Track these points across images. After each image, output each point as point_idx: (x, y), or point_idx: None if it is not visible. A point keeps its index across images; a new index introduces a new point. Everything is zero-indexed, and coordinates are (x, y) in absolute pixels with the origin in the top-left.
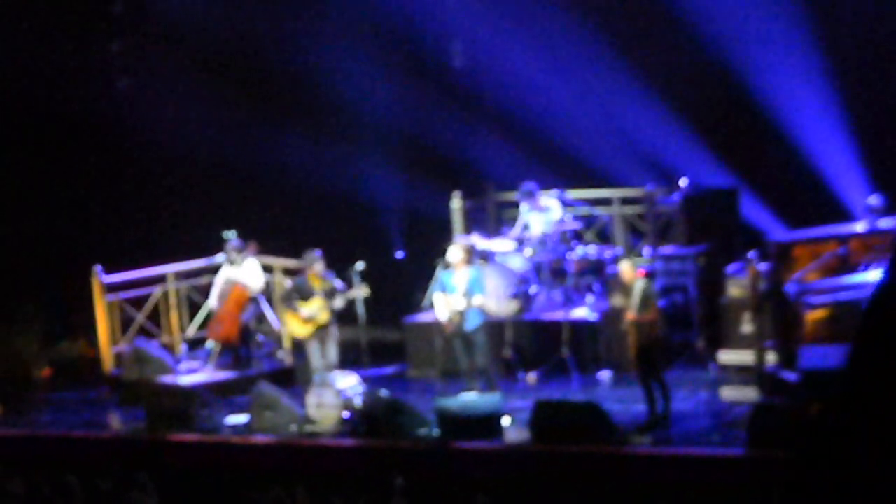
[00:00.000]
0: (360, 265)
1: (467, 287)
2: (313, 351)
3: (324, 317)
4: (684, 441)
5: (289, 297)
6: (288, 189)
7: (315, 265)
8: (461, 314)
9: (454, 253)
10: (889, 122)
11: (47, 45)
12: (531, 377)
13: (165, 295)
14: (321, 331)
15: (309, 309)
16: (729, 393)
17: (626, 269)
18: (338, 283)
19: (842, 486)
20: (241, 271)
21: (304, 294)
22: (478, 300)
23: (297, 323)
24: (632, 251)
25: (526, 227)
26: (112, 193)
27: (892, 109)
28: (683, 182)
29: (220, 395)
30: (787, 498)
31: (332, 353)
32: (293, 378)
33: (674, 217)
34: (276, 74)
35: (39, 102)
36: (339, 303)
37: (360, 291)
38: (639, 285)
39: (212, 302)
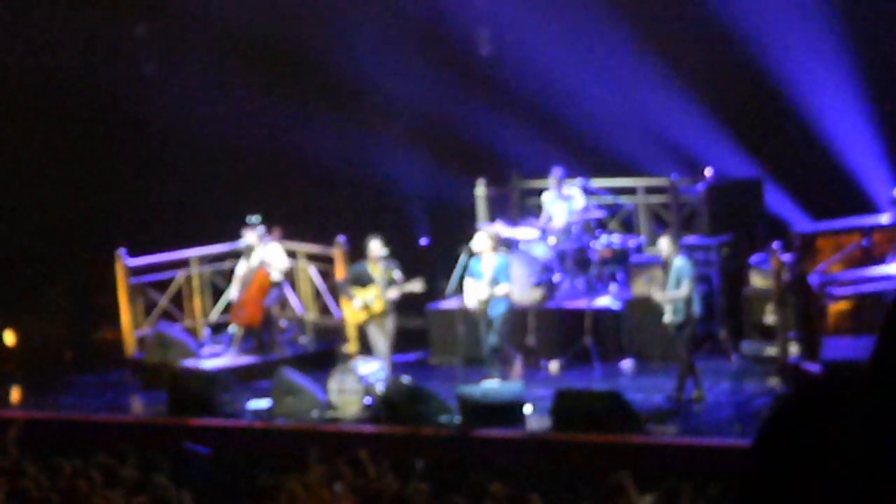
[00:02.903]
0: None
1: (493, 274)
2: (374, 339)
3: (378, 306)
4: (706, 431)
5: (345, 282)
6: (313, 174)
7: (374, 252)
8: (486, 302)
9: (480, 240)
10: None
11: (73, 29)
12: (553, 365)
13: (189, 279)
14: (379, 318)
15: (362, 297)
16: (751, 383)
17: (664, 246)
18: (397, 274)
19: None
20: (265, 253)
21: (361, 281)
22: (502, 289)
23: (352, 309)
24: (655, 240)
25: (549, 218)
26: (137, 177)
27: None
28: (708, 172)
29: (243, 379)
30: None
31: (387, 341)
32: (315, 363)
33: (698, 207)
34: (303, 59)
35: (64, 86)
36: (393, 293)
37: (416, 285)
38: (676, 265)
39: (235, 287)
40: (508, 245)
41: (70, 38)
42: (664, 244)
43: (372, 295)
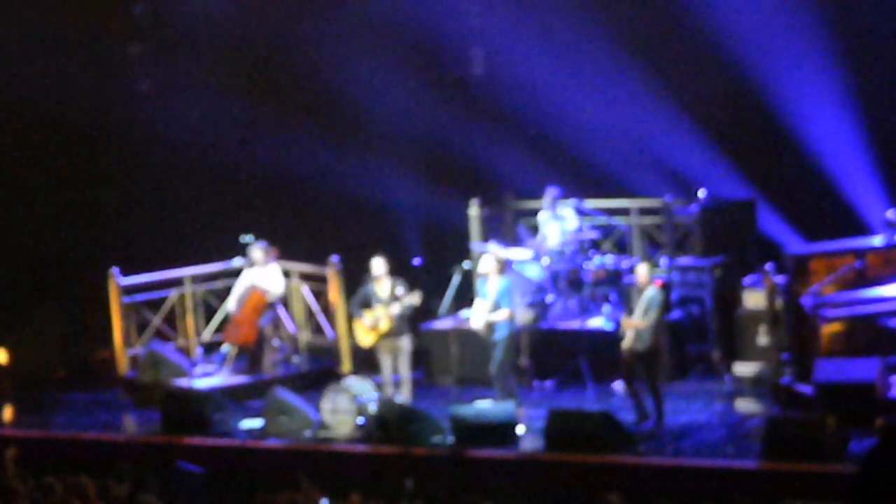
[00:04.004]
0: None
1: (496, 298)
2: (383, 361)
3: (385, 325)
4: (698, 452)
5: (354, 304)
6: (306, 194)
7: (376, 271)
8: (490, 325)
9: (486, 262)
10: None
11: (67, 48)
12: (546, 386)
13: (182, 298)
14: (388, 340)
15: (371, 317)
16: (744, 405)
17: (641, 272)
18: (399, 290)
19: None
20: (263, 275)
21: (367, 301)
22: (502, 314)
23: (363, 331)
24: (649, 262)
25: (543, 238)
26: (130, 196)
27: None
28: (701, 193)
29: (235, 399)
30: None
31: (403, 363)
32: (308, 383)
33: (691, 228)
34: (296, 79)
35: (58, 104)
36: (395, 309)
37: (413, 299)
38: (648, 293)
39: (231, 305)
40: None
41: (63, 57)
42: (642, 270)
43: (379, 314)
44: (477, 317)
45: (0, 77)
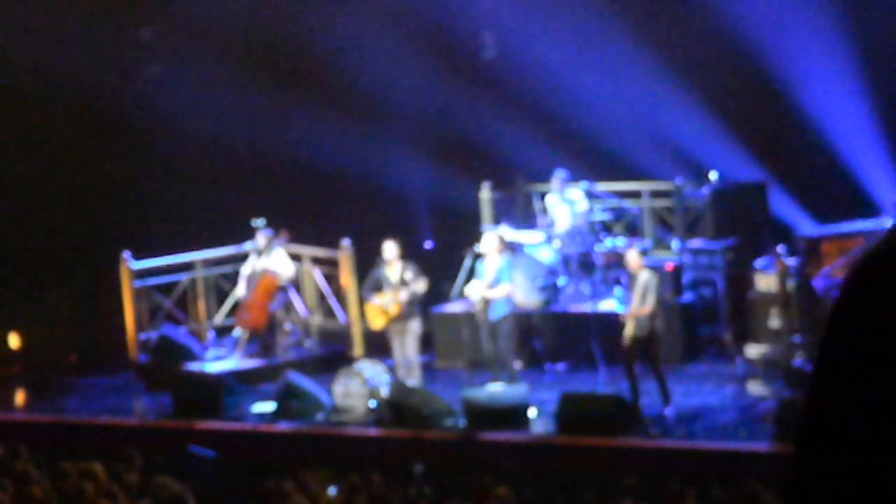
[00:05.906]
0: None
1: (495, 276)
2: (393, 344)
3: (394, 309)
4: (710, 435)
5: (365, 288)
6: (318, 177)
7: (387, 254)
8: (486, 302)
9: (488, 241)
10: None
11: (77, 32)
12: (558, 369)
13: (193, 282)
14: (397, 323)
15: (380, 300)
16: (756, 387)
17: (631, 258)
18: (408, 275)
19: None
20: (270, 260)
21: (378, 285)
22: (502, 290)
23: (373, 314)
24: (660, 244)
25: (552, 222)
26: (141, 180)
27: None
28: (713, 176)
29: (247, 383)
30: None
31: (410, 347)
32: (320, 366)
33: (703, 211)
34: (307, 62)
35: (69, 89)
36: (404, 295)
37: (418, 286)
38: (642, 277)
39: (240, 290)
40: (514, 249)
41: (74, 41)
42: (632, 257)
43: (388, 298)
44: (473, 292)
45: (11, 60)
